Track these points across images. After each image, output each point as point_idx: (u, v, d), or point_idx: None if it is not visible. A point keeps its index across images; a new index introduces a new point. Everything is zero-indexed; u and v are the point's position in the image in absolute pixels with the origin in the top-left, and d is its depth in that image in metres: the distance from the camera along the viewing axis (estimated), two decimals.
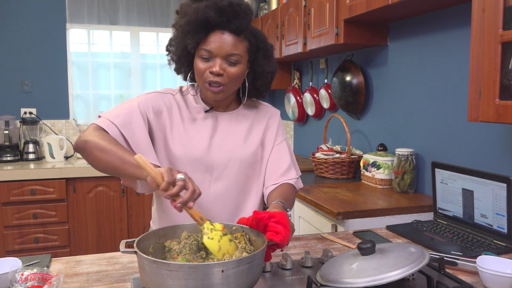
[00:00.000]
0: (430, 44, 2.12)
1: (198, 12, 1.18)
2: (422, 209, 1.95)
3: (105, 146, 1.13)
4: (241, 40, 1.22)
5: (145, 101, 1.28)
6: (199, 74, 1.25)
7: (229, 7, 1.18)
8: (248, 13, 1.21)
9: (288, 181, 1.35)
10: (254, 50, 1.27)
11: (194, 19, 1.18)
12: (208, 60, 1.22)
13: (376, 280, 0.91)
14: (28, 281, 0.99)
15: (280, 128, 1.43)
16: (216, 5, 1.18)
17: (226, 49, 1.20)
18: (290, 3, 2.92)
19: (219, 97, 1.26)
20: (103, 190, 3.25)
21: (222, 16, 1.18)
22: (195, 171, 1.28)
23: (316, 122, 3.36)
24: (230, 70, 1.22)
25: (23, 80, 3.62)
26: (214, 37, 1.20)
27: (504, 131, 1.73)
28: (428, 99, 2.14)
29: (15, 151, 3.41)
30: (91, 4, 3.70)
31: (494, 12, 1.29)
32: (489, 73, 1.32)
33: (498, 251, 1.37)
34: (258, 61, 1.30)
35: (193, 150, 1.28)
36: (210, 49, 1.20)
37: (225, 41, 1.20)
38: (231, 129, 1.34)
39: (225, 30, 1.20)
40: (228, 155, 1.31)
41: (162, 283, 0.85)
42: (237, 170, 1.32)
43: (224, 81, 1.22)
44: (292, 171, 1.38)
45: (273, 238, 0.97)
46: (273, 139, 1.39)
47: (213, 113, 1.34)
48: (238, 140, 1.34)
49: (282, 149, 1.40)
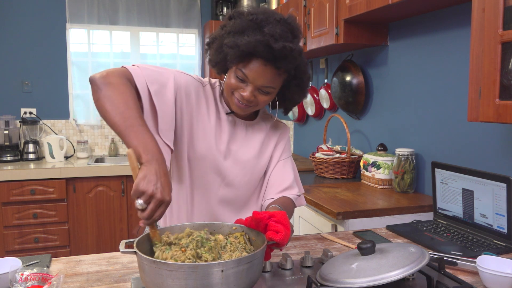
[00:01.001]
0: (430, 44, 2.12)
1: (248, 45, 1.11)
2: (422, 209, 1.95)
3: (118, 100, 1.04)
4: (281, 73, 1.18)
5: (180, 78, 1.22)
6: (228, 88, 1.21)
7: (280, 52, 1.11)
8: (297, 58, 1.16)
9: (288, 196, 1.33)
10: (290, 79, 1.23)
11: (243, 49, 1.12)
12: (241, 81, 1.18)
13: (376, 280, 0.91)
14: (28, 281, 0.99)
15: (288, 144, 1.42)
16: (269, 44, 1.10)
17: (263, 82, 1.16)
18: (290, 3, 2.92)
19: (243, 113, 1.26)
20: (103, 190, 3.25)
21: (271, 54, 1.12)
22: (207, 172, 1.28)
23: (316, 122, 3.36)
24: (261, 98, 1.19)
25: (23, 80, 3.62)
26: (255, 66, 1.14)
27: (504, 131, 1.73)
28: (428, 99, 2.14)
29: (15, 151, 3.41)
30: (91, 4, 3.70)
31: (494, 12, 1.29)
32: (489, 73, 1.32)
33: (498, 251, 1.37)
34: (290, 87, 1.25)
35: (214, 152, 1.26)
36: (247, 74, 1.15)
37: (264, 74, 1.15)
38: (248, 139, 1.33)
39: (268, 63, 1.13)
40: (242, 165, 1.31)
41: (162, 283, 0.85)
42: (247, 180, 1.33)
43: (253, 105, 1.21)
44: (294, 188, 1.36)
45: (273, 237, 0.97)
46: (279, 154, 1.39)
47: (233, 118, 1.32)
48: (252, 151, 1.33)
49: (287, 166, 1.38)
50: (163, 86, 1.17)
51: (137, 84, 1.14)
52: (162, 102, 1.16)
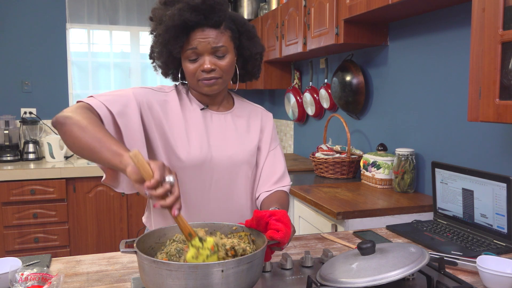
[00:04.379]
0: (430, 44, 2.12)
1: (174, 18, 1.17)
2: (422, 209, 1.95)
3: (86, 126, 1.03)
4: (223, 31, 1.22)
5: (139, 94, 1.23)
6: (190, 75, 1.24)
7: (203, 4, 1.16)
8: (223, 4, 1.21)
9: (282, 188, 1.35)
10: (237, 35, 1.27)
11: (172, 25, 1.17)
12: (196, 60, 1.22)
13: (376, 280, 0.91)
14: (28, 281, 0.99)
15: (274, 132, 1.43)
16: (189, 6, 1.16)
17: (211, 45, 1.20)
18: (290, 3, 2.92)
19: (215, 90, 1.26)
20: (103, 190, 3.25)
21: (199, 14, 1.17)
22: (196, 174, 1.27)
23: (316, 122, 3.36)
24: (221, 63, 1.23)
25: (23, 80, 3.62)
26: (196, 36, 1.19)
27: (504, 131, 1.73)
28: (428, 99, 2.14)
29: (15, 151, 3.41)
30: (91, 4, 3.70)
31: (494, 12, 1.29)
32: (489, 73, 1.32)
33: (498, 251, 1.37)
34: (243, 45, 1.29)
35: (197, 152, 1.26)
36: (195, 48, 1.20)
37: (207, 37, 1.19)
38: (228, 129, 1.33)
39: (205, 26, 1.19)
40: (228, 156, 1.30)
41: (162, 283, 0.85)
42: (237, 171, 1.32)
43: (218, 75, 1.23)
44: (286, 178, 1.39)
45: (274, 236, 0.97)
46: (268, 144, 1.39)
47: (208, 112, 1.32)
48: (236, 141, 1.33)
49: (277, 155, 1.40)
50: (125, 106, 1.17)
51: (97, 110, 1.12)
52: (127, 121, 1.16)
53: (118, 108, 1.15)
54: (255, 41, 1.32)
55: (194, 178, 1.27)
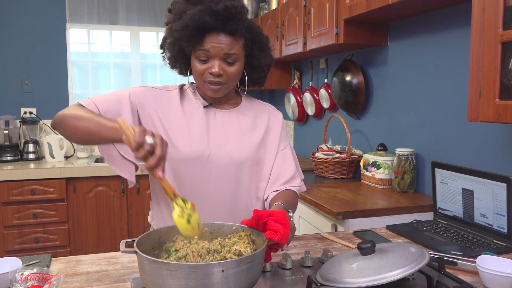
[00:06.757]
0: (430, 44, 2.12)
1: (194, 18, 1.17)
2: (422, 209, 1.95)
3: (82, 114, 1.14)
4: (237, 39, 1.23)
5: (136, 92, 1.28)
6: (197, 75, 1.25)
7: (224, 11, 1.17)
8: (243, 14, 1.21)
9: (291, 188, 1.35)
10: (249, 44, 1.28)
11: (190, 24, 1.18)
12: (206, 62, 1.23)
13: (376, 280, 0.91)
14: (28, 281, 0.99)
15: (284, 131, 1.42)
16: (211, 9, 1.17)
17: (224, 51, 1.21)
18: (290, 3, 2.92)
19: (219, 94, 1.28)
20: (103, 190, 3.25)
21: (218, 19, 1.18)
22: (194, 167, 1.27)
23: (316, 122, 3.36)
24: (229, 69, 1.23)
25: (23, 80, 3.62)
26: (210, 39, 1.20)
27: (504, 131, 1.73)
28: (428, 99, 2.14)
29: (15, 151, 3.41)
30: (91, 4, 3.70)
31: (494, 12, 1.29)
32: (489, 73, 1.32)
33: (498, 251, 1.37)
34: (254, 54, 1.30)
35: (195, 144, 1.27)
36: (207, 51, 1.21)
37: (221, 43, 1.20)
38: (230, 127, 1.33)
39: (221, 31, 1.20)
40: (227, 153, 1.30)
41: (162, 283, 0.85)
42: (236, 168, 1.31)
43: (224, 80, 1.24)
44: (296, 179, 1.37)
45: (272, 237, 0.97)
46: (276, 143, 1.38)
47: (212, 110, 1.33)
48: (237, 138, 1.32)
49: (287, 155, 1.39)
50: (116, 103, 1.24)
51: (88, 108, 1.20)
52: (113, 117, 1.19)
53: (107, 106, 1.22)
54: (266, 52, 1.33)
55: (191, 172, 1.27)
